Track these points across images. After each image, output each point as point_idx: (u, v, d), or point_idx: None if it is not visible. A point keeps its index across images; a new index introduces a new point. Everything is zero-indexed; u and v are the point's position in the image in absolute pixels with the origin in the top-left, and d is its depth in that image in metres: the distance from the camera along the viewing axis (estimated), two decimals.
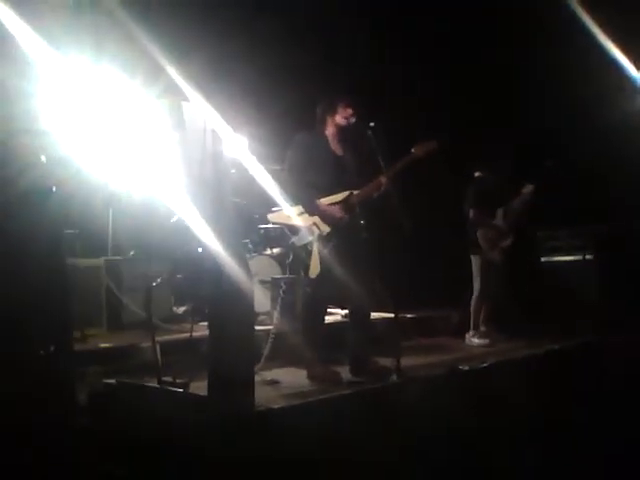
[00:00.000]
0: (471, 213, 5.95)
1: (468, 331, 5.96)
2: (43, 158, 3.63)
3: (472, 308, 5.95)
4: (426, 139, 4.63)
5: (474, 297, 5.94)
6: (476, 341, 5.88)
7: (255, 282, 5.17)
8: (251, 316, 3.67)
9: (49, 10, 4.00)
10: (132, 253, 6.19)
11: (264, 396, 3.76)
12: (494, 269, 5.90)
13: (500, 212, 5.95)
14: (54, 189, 3.64)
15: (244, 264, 3.53)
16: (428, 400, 4.13)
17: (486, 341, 5.84)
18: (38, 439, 3.34)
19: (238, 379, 3.46)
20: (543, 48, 6.76)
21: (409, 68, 7.09)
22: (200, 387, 3.73)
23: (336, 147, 4.64)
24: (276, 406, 3.60)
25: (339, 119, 4.58)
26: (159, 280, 5.49)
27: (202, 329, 4.95)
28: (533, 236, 6.53)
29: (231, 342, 3.45)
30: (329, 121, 4.62)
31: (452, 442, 4.02)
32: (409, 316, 6.11)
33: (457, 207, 6.03)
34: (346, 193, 4.55)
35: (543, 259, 6.51)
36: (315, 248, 4.45)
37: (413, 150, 4.58)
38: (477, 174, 6.07)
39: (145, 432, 3.69)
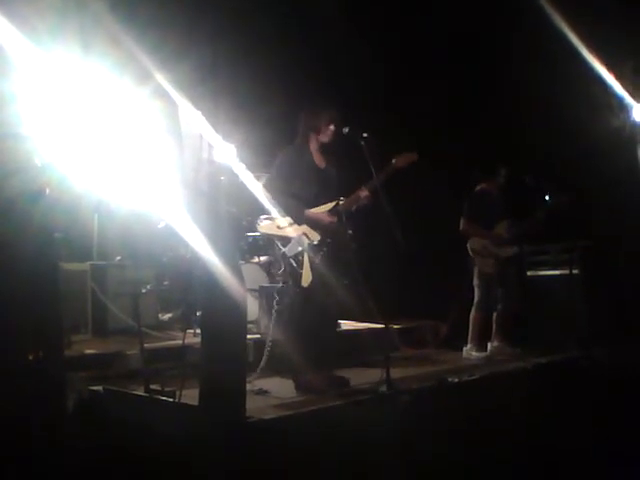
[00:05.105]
0: (462, 224, 5.99)
1: (466, 344, 5.93)
2: (38, 162, 3.57)
3: (470, 319, 5.95)
4: (407, 151, 4.67)
5: (472, 308, 5.95)
6: (474, 354, 5.83)
7: None
8: (244, 326, 3.63)
9: (35, 12, 3.95)
10: (118, 258, 6.12)
11: (254, 406, 3.72)
12: (491, 280, 5.90)
13: (505, 223, 5.96)
14: (47, 191, 3.58)
15: (238, 273, 3.50)
16: (418, 412, 4.12)
17: (484, 354, 5.81)
18: (25, 446, 3.28)
19: (230, 389, 3.42)
20: (530, 64, 6.82)
21: (402, 77, 7.13)
22: (188, 395, 3.69)
23: (319, 160, 4.69)
24: (267, 417, 3.56)
25: (323, 137, 4.63)
26: (148, 287, 5.43)
27: (189, 336, 4.92)
28: (520, 250, 6.54)
29: (224, 351, 3.41)
30: (312, 137, 4.66)
31: (441, 453, 4.02)
32: (396, 327, 6.10)
33: (452, 218, 6.04)
34: (332, 203, 4.59)
35: (529, 273, 6.52)
36: (306, 257, 4.46)
37: (394, 161, 4.62)
38: (478, 187, 6.13)
39: (132, 442, 3.64)
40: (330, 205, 4.58)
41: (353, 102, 6.12)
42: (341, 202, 4.58)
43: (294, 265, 4.46)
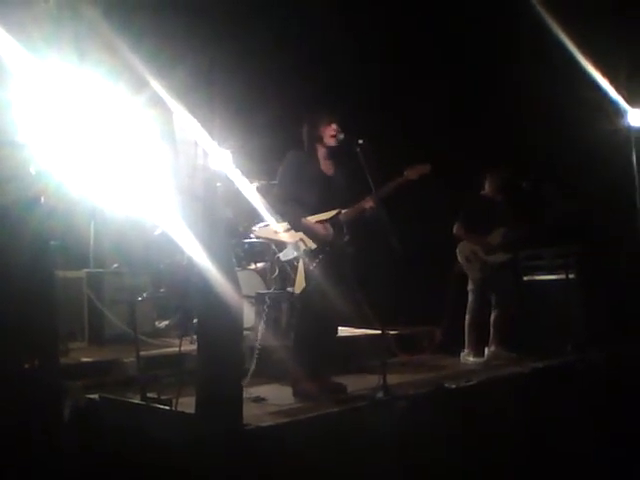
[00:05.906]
0: (455, 228, 6.00)
1: (463, 349, 5.94)
2: (32, 170, 3.57)
3: (465, 325, 5.95)
4: (419, 162, 4.58)
5: (466, 314, 5.96)
6: (471, 360, 5.83)
7: None
8: (240, 333, 3.62)
9: (31, 20, 3.96)
10: (115, 266, 6.11)
11: (251, 414, 3.70)
12: (483, 285, 5.90)
13: (502, 230, 5.96)
14: (42, 200, 3.58)
15: (234, 280, 3.49)
16: (414, 418, 4.12)
17: (481, 359, 5.81)
18: (22, 455, 3.26)
19: (227, 396, 3.41)
20: (527, 68, 6.84)
21: (401, 78, 7.14)
22: (184, 403, 3.68)
23: (326, 167, 4.63)
24: (264, 424, 3.55)
25: (327, 139, 4.56)
26: (145, 294, 5.42)
27: (185, 343, 4.91)
28: (515, 255, 6.55)
29: (220, 359, 3.40)
30: (318, 142, 4.60)
31: (438, 459, 4.01)
32: (392, 332, 6.09)
33: (449, 223, 6.05)
34: (334, 212, 4.54)
35: (525, 278, 6.52)
36: (301, 264, 4.44)
37: (405, 173, 4.54)
38: (481, 192, 6.15)
39: (129, 450, 3.63)
40: (331, 213, 4.53)
41: (351, 105, 6.11)
42: (343, 212, 4.54)
43: (287, 270, 4.45)
